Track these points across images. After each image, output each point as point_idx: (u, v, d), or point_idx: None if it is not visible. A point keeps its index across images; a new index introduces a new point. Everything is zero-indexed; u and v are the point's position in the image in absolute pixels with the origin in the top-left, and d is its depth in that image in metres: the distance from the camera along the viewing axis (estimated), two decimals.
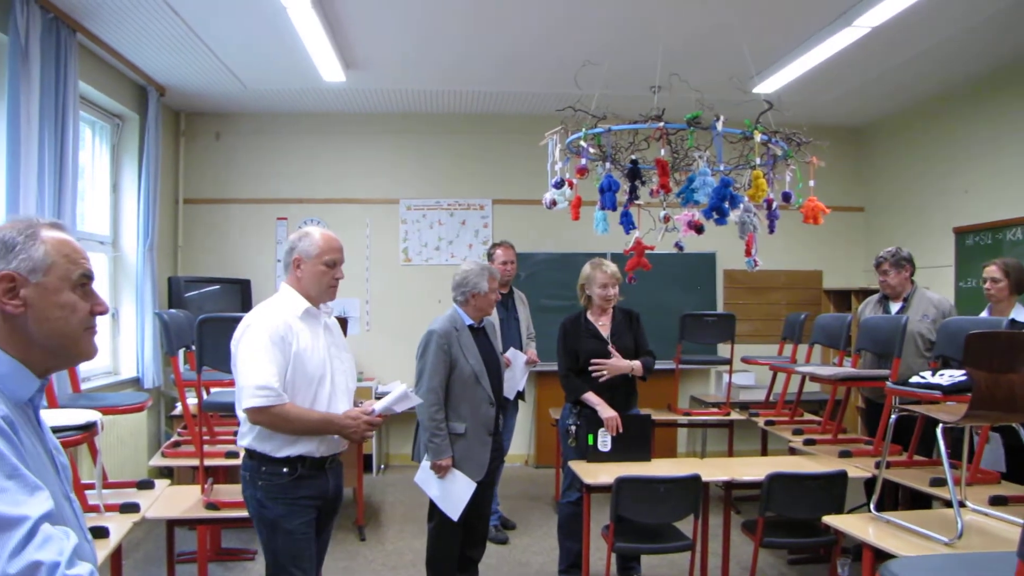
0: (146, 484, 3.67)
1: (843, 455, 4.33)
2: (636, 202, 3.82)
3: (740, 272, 7.59)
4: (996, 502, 3.35)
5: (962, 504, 3.23)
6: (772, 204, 3.88)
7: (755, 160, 3.70)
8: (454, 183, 7.62)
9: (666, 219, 3.90)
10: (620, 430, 4.12)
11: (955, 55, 5.64)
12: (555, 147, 3.77)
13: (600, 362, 4.22)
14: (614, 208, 3.71)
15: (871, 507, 3.40)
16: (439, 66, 6.12)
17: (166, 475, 5.02)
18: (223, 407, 4.07)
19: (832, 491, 3.74)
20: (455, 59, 5.94)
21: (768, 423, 5.33)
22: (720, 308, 7.68)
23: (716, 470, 4.17)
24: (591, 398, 4.20)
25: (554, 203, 3.81)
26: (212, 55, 5.69)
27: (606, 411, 4.15)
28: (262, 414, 2.66)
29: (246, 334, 2.73)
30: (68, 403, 3.81)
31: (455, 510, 3.79)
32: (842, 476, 3.77)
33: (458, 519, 3.80)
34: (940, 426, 3.09)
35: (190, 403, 4.35)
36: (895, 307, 4.83)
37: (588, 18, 4.99)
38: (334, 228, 6.97)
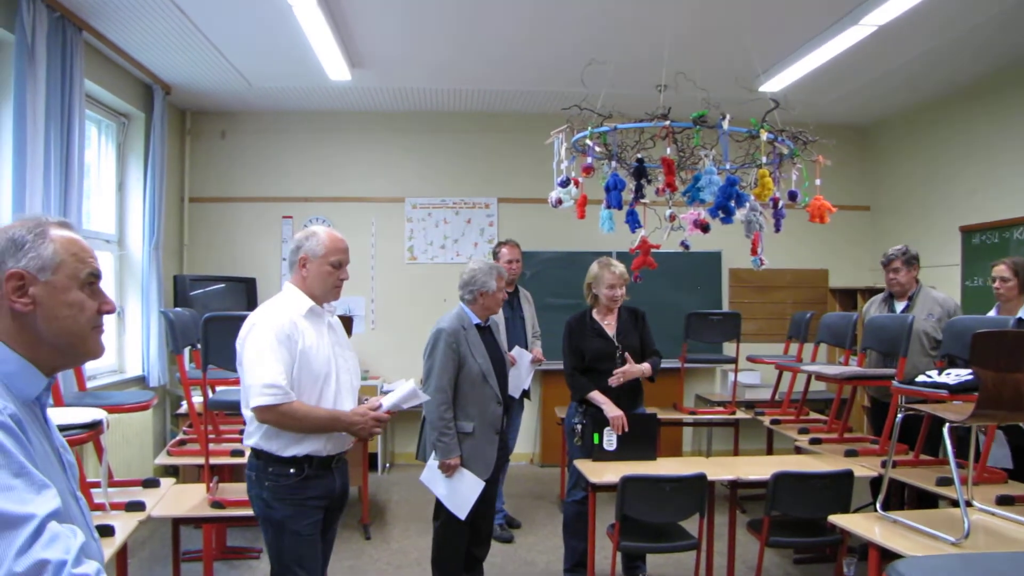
0: (152, 483, 3.68)
1: (849, 454, 4.32)
2: (642, 201, 3.82)
3: (746, 271, 7.58)
4: (1003, 501, 3.34)
5: (969, 503, 3.21)
6: (778, 203, 3.88)
7: (761, 159, 3.69)
8: (460, 182, 7.62)
9: (672, 218, 3.90)
10: (626, 429, 4.12)
11: (961, 54, 5.62)
12: (561, 146, 3.76)
13: (617, 371, 4.21)
14: (620, 207, 3.70)
15: (877, 506, 3.39)
16: (445, 65, 6.11)
17: (172, 473, 5.03)
18: (228, 405, 4.07)
19: (838, 490, 3.74)
20: (461, 58, 5.93)
21: (774, 422, 5.33)
22: (726, 307, 7.67)
23: (722, 469, 4.16)
24: (597, 397, 4.20)
25: (560, 202, 3.80)
26: (218, 53, 5.70)
27: (612, 410, 4.14)
28: (270, 412, 2.66)
29: (252, 333, 2.73)
30: (74, 401, 3.82)
31: (463, 509, 3.79)
32: (848, 475, 3.76)
33: (465, 518, 3.81)
34: (947, 425, 3.08)
35: (195, 401, 4.36)
36: (900, 306, 4.83)
37: (594, 17, 4.98)
38: (339, 227, 7.01)
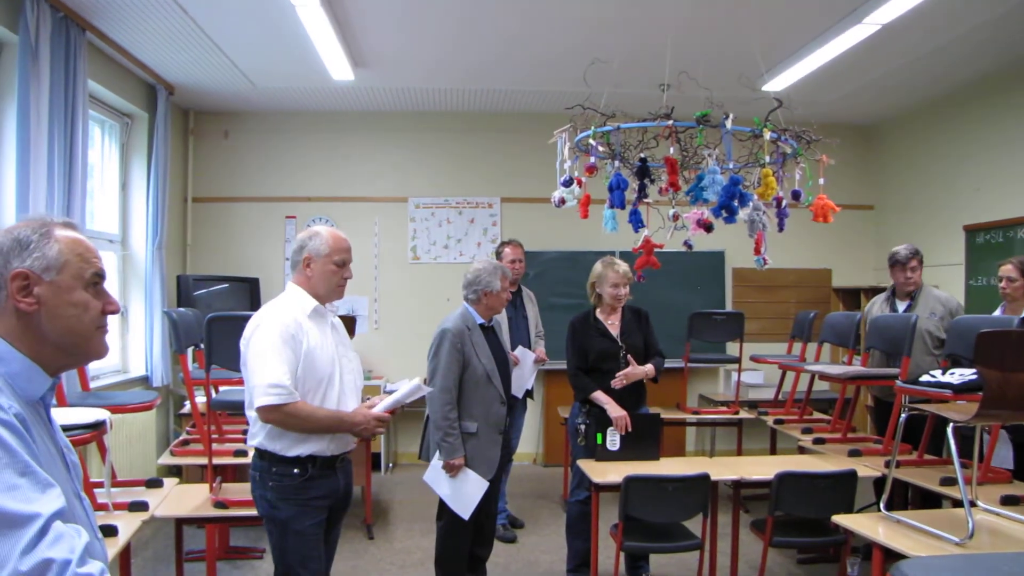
0: (155, 482, 3.68)
1: (853, 454, 4.32)
2: (645, 200, 3.81)
3: (749, 270, 7.57)
4: (1007, 501, 3.33)
5: (973, 503, 3.20)
6: (781, 202, 3.86)
7: (764, 158, 3.67)
8: (463, 181, 7.62)
9: (675, 217, 3.89)
10: (629, 429, 4.11)
11: (965, 53, 5.60)
12: (564, 145, 3.76)
13: (620, 374, 4.20)
14: (623, 206, 3.69)
15: (881, 506, 3.38)
16: (447, 64, 6.12)
17: (175, 473, 5.03)
18: (232, 405, 4.08)
19: (842, 490, 3.73)
20: (463, 57, 5.93)
21: (777, 422, 5.32)
22: (729, 307, 7.66)
23: (725, 469, 4.16)
24: (600, 397, 4.19)
25: (563, 201, 3.80)
26: (221, 53, 5.71)
27: (615, 410, 4.13)
28: (274, 412, 2.65)
29: (256, 333, 2.72)
30: (77, 401, 3.83)
31: (466, 509, 3.78)
32: (852, 475, 3.76)
33: (468, 518, 3.80)
34: (951, 425, 3.08)
35: (199, 401, 4.36)
36: (902, 305, 4.82)
37: (597, 16, 4.98)
38: (343, 226, 7.01)
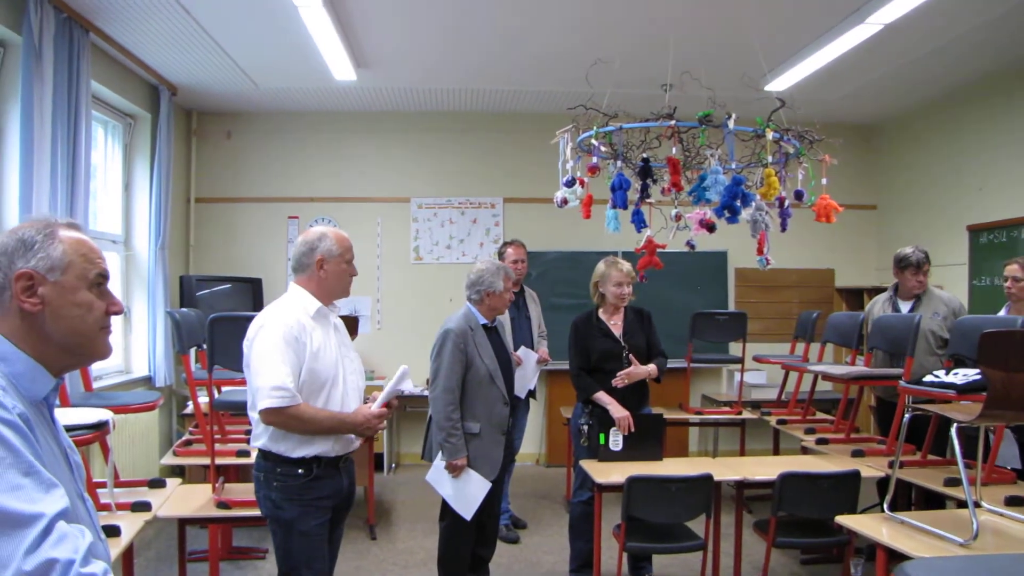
0: (157, 483, 3.69)
1: (856, 454, 4.31)
2: (648, 200, 3.80)
3: (752, 270, 7.56)
4: (1012, 502, 3.32)
5: (977, 504, 3.20)
6: (784, 202, 3.86)
7: (767, 158, 3.67)
8: (465, 181, 7.62)
9: (678, 217, 3.89)
10: (632, 429, 4.11)
11: (969, 52, 5.59)
12: (566, 145, 3.76)
13: (621, 373, 4.20)
14: (625, 206, 3.69)
15: (884, 507, 3.37)
16: (450, 65, 6.12)
17: (177, 474, 5.03)
18: (234, 406, 4.09)
19: (845, 491, 3.73)
20: (466, 58, 5.93)
21: (780, 422, 5.32)
22: (732, 307, 7.65)
23: (728, 469, 4.15)
24: (603, 397, 4.18)
25: (565, 201, 3.80)
26: (224, 54, 5.71)
27: (618, 410, 4.13)
28: (277, 415, 2.65)
29: (260, 334, 2.72)
30: (80, 402, 3.84)
31: (468, 510, 3.78)
32: (855, 476, 3.75)
33: (471, 519, 3.80)
34: (954, 426, 3.07)
35: (201, 402, 4.37)
36: (905, 306, 4.80)
37: (600, 17, 4.97)
38: (345, 226, 7.00)
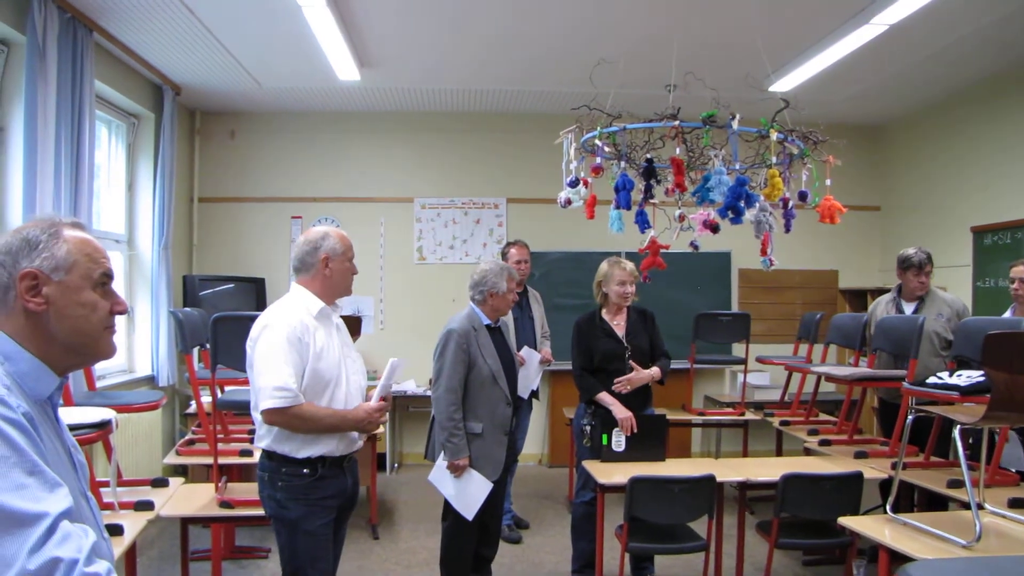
0: (160, 482, 3.69)
1: (859, 456, 4.30)
2: (651, 201, 3.80)
3: (755, 271, 7.56)
4: (1015, 504, 3.31)
5: (980, 506, 3.19)
6: (788, 203, 3.85)
7: (771, 159, 3.67)
8: (469, 182, 7.62)
9: (681, 218, 3.89)
10: (634, 430, 4.11)
11: (973, 53, 5.59)
12: (570, 146, 3.75)
13: (622, 379, 4.20)
14: (629, 207, 3.69)
15: (887, 508, 3.37)
16: (453, 65, 6.12)
17: (180, 473, 5.04)
18: (237, 405, 4.09)
19: (848, 492, 3.72)
20: (469, 58, 5.94)
21: (783, 423, 5.31)
22: (735, 307, 7.64)
23: (730, 470, 4.14)
24: (605, 398, 4.18)
25: (569, 202, 3.79)
26: (228, 54, 5.72)
27: (621, 411, 4.13)
28: (279, 415, 2.66)
29: (263, 334, 2.72)
30: (83, 401, 3.84)
31: (470, 510, 3.78)
32: (858, 477, 3.75)
33: (472, 519, 3.80)
34: (958, 427, 3.06)
35: (204, 401, 4.37)
36: (909, 307, 4.80)
37: (604, 17, 4.97)
38: (348, 226, 7.02)
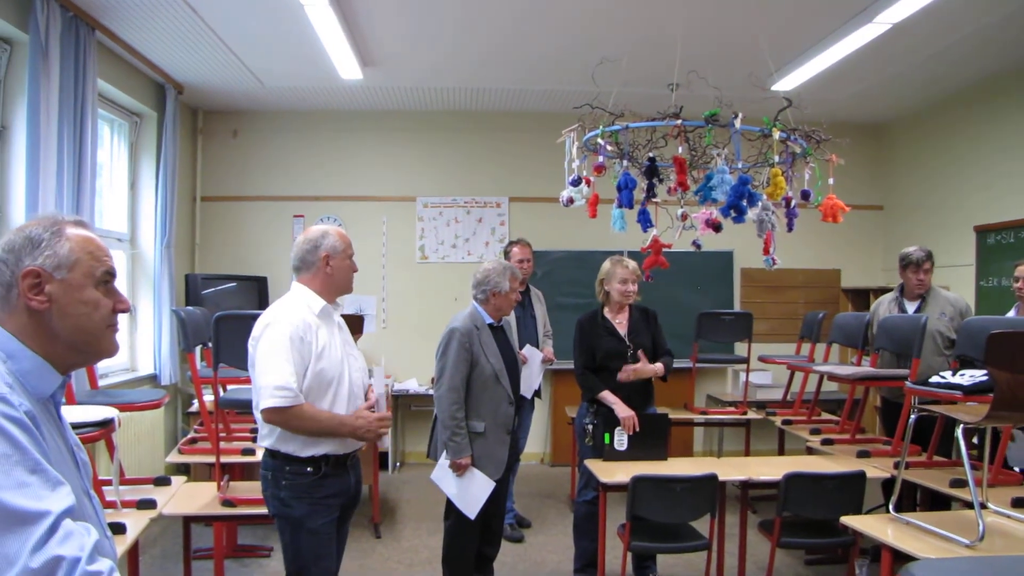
0: (163, 481, 3.70)
1: (861, 455, 4.30)
2: (653, 200, 3.79)
3: (757, 270, 7.56)
4: (1019, 504, 3.31)
5: (983, 506, 3.19)
6: (791, 202, 3.85)
7: (774, 158, 3.66)
8: (471, 181, 7.62)
9: (684, 217, 3.88)
10: (637, 429, 4.11)
11: (976, 52, 5.58)
12: (572, 145, 3.75)
13: (628, 370, 4.19)
14: (631, 206, 3.69)
15: (890, 508, 3.36)
16: (456, 64, 6.11)
17: (183, 472, 5.05)
18: (240, 404, 4.08)
19: (850, 491, 3.72)
20: (471, 57, 5.93)
21: (785, 422, 5.31)
22: (737, 307, 7.64)
23: (733, 469, 4.14)
24: (608, 397, 4.18)
25: (571, 201, 3.79)
26: (230, 53, 5.72)
27: (623, 410, 4.13)
28: (279, 414, 2.65)
29: (265, 333, 2.72)
30: (86, 399, 3.84)
31: (472, 509, 3.78)
32: (860, 476, 3.74)
33: (474, 518, 3.80)
34: (961, 427, 3.06)
35: (207, 400, 4.37)
36: (911, 306, 4.79)
37: (606, 16, 4.97)
38: (350, 225, 7.04)
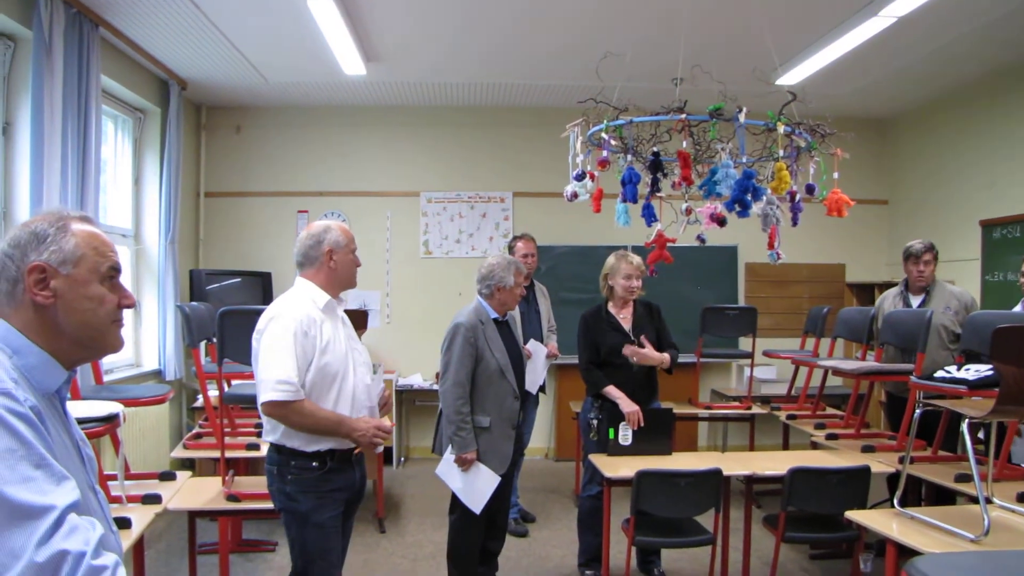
0: (168, 476, 3.71)
1: (866, 450, 4.29)
2: (658, 194, 3.78)
3: (762, 265, 7.54)
4: None
5: (989, 500, 3.18)
6: (795, 196, 3.83)
7: (778, 152, 3.65)
8: (475, 176, 7.61)
9: (688, 212, 3.87)
10: (641, 424, 4.11)
11: (981, 46, 5.55)
12: (576, 139, 3.74)
13: (634, 350, 4.18)
14: (635, 201, 3.68)
15: (895, 503, 3.36)
16: (459, 59, 6.11)
17: (188, 467, 5.07)
18: (244, 399, 4.09)
19: (855, 486, 3.72)
20: (475, 52, 5.92)
21: (790, 417, 5.30)
22: (742, 301, 7.63)
23: (737, 464, 4.13)
24: (612, 392, 4.18)
25: (575, 195, 3.78)
26: (233, 49, 5.71)
27: (627, 405, 4.12)
28: (280, 408, 2.66)
29: (269, 327, 2.72)
30: (91, 395, 3.84)
31: (478, 503, 3.78)
32: (865, 471, 3.74)
33: (479, 512, 3.81)
34: (966, 421, 3.05)
35: (211, 395, 4.38)
36: (916, 300, 4.78)
37: (610, 10, 4.96)
38: (354, 220, 7.04)
